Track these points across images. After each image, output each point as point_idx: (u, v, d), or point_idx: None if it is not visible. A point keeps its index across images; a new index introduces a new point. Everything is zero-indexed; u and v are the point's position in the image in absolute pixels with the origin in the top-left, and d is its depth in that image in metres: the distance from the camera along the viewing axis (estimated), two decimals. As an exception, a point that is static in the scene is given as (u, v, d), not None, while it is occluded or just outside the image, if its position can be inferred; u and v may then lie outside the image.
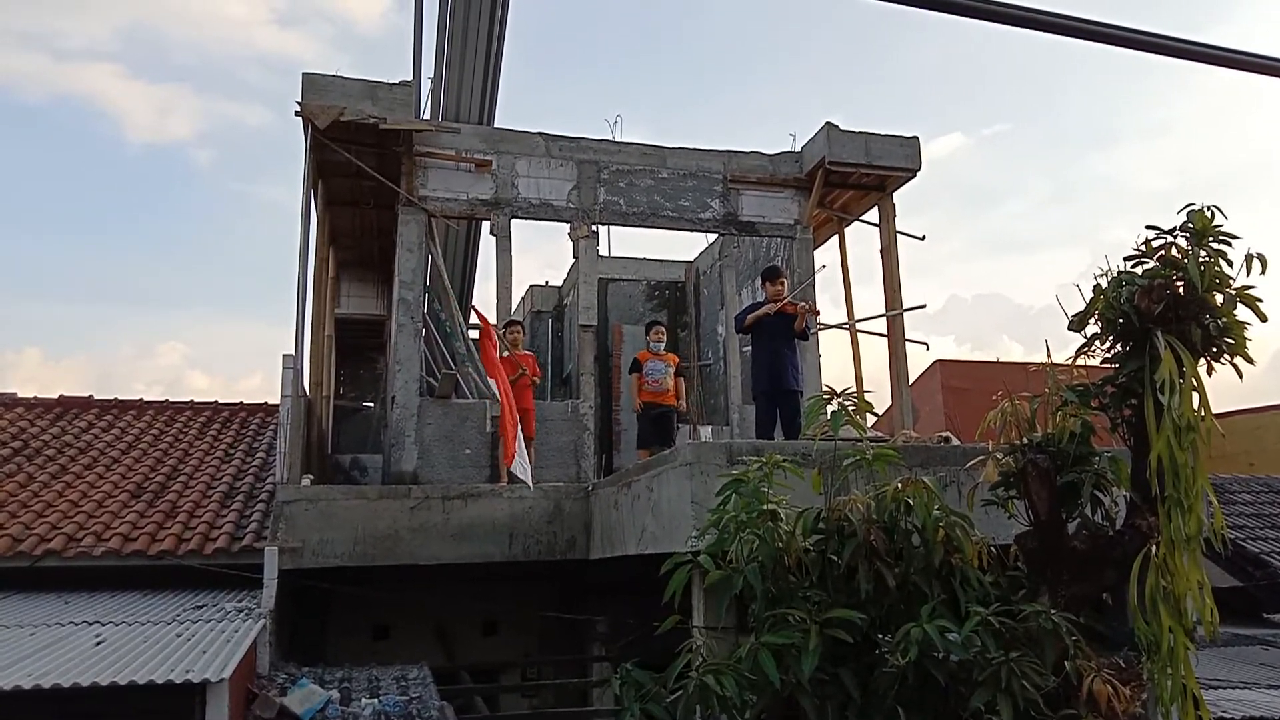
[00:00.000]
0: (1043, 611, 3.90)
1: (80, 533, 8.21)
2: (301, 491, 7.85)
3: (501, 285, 10.26)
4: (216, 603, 7.51)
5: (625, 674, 4.28)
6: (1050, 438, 4.42)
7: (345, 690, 6.62)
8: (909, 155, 11.01)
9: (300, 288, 8.86)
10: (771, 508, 4.28)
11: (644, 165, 10.83)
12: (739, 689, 3.82)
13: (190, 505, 9.04)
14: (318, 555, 7.61)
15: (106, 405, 12.25)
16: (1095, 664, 3.80)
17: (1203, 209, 4.18)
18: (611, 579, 8.41)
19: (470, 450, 9.59)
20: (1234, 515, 10.33)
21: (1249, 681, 6.32)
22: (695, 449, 5.29)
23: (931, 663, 3.78)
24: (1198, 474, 3.93)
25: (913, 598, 4.09)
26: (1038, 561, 4.34)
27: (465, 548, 7.93)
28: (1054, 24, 3.08)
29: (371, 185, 10.20)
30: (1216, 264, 4.12)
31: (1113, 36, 3.15)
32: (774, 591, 4.14)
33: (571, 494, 8.33)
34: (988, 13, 3.02)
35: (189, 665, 5.27)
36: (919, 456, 5.40)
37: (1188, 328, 4.09)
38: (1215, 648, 7.25)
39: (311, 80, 9.39)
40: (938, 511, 4.21)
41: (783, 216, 11.20)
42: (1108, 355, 4.39)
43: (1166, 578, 3.86)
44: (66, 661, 5.30)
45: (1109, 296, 4.25)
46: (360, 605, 9.20)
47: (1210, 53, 3.28)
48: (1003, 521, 4.56)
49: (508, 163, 10.36)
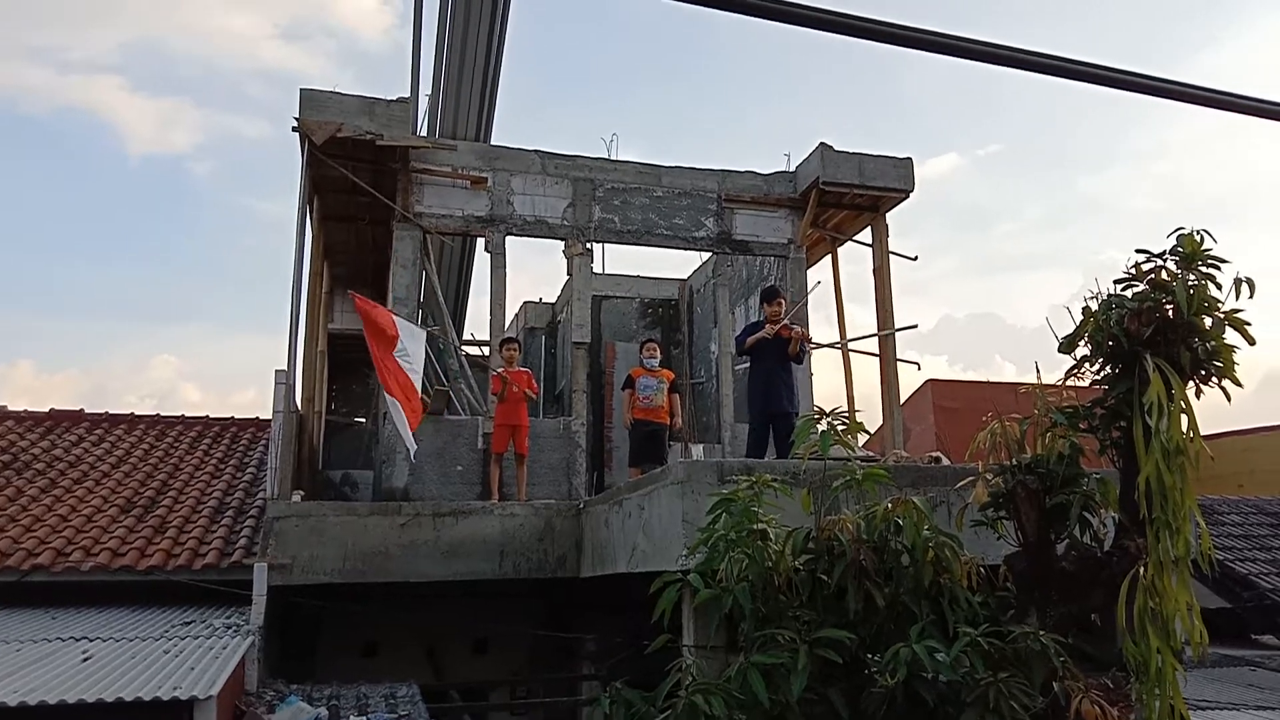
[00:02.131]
0: (1031, 633, 3.92)
1: (69, 547, 8.16)
2: (292, 507, 7.83)
3: (496, 302, 10.28)
4: (205, 619, 7.47)
5: (615, 693, 4.28)
6: (1039, 459, 4.44)
7: (333, 708, 6.57)
8: (903, 176, 11.09)
9: (294, 302, 8.87)
10: (762, 527, 4.30)
11: (639, 184, 10.89)
12: (728, 709, 3.82)
13: (180, 520, 9.00)
14: (307, 572, 7.58)
15: (97, 419, 12.21)
16: (1084, 685, 3.82)
17: (1192, 233, 4.22)
18: (602, 597, 8.39)
19: (461, 467, 9.58)
20: (1223, 537, 10.35)
21: (1237, 703, 6.32)
22: (687, 467, 5.30)
23: (920, 683, 3.79)
24: (1185, 496, 3.96)
25: (902, 618, 4.10)
26: (1026, 582, 4.36)
27: (456, 565, 7.90)
28: (1045, 65, 3.13)
29: (367, 201, 10.22)
30: (1205, 287, 4.17)
31: (1100, 77, 3.20)
32: (763, 611, 4.15)
33: (563, 511, 8.31)
34: (979, 53, 3.07)
35: (177, 682, 5.24)
36: (909, 476, 5.41)
37: (1176, 351, 4.12)
38: (1203, 669, 7.25)
39: (309, 96, 9.43)
40: (927, 532, 4.23)
41: (776, 236, 11.26)
42: (1097, 377, 4.43)
43: (1155, 599, 3.88)
44: (54, 678, 5.26)
45: (1098, 319, 4.29)
46: (350, 622, 9.15)
47: (1197, 94, 3.33)
48: (992, 542, 4.57)
49: (503, 180, 10.40)
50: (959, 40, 3.07)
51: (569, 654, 9.72)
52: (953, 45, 3.06)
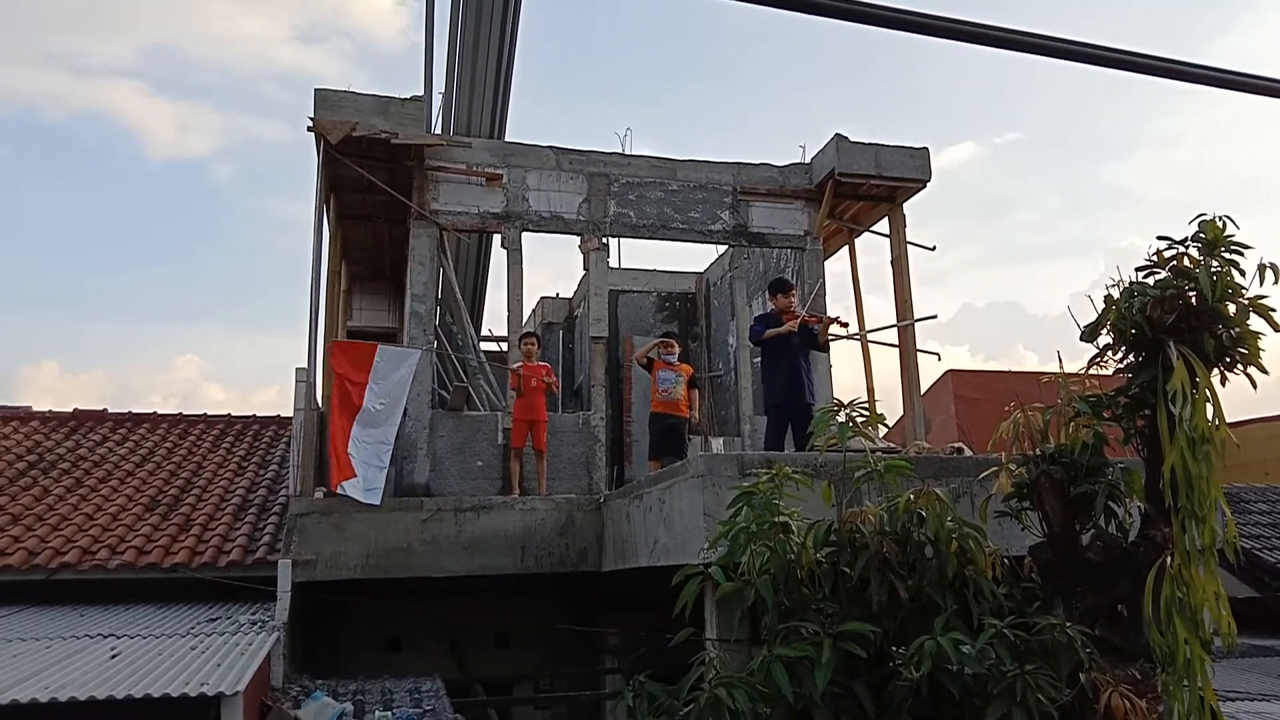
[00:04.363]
0: (1058, 624, 3.89)
1: (95, 546, 8.26)
2: (314, 504, 7.88)
3: (513, 297, 10.29)
4: (230, 615, 7.54)
5: (638, 686, 4.29)
6: (1063, 449, 4.41)
7: (359, 703, 6.62)
8: (919, 166, 11.01)
9: (313, 301, 8.91)
10: (783, 519, 4.29)
11: (654, 178, 10.86)
12: (751, 702, 3.81)
13: (204, 518, 9.08)
14: (331, 568, 7.64)
15: (121, 419, 12.34)
16: (1111, 677, 3.78)
17: (1214, 219, 4.17)
18: (624, 591, 8.40)
19: (482, 462, 9.61)
20: (1250, 525, 10.24)
21: (1268, 693, 6.26)
22: (707, 460, 5.29)
23: (945, 676, 3.77)
24: (1211, 484, 3.91)
25: (926, 610, 4.08)
26: (1052, 573, 4.33)
27: (477, 560, 7.94)
28: (1063, 50, 3.10)
29: (383, 199, 10.25)
30: (1228, 274, 4.11)
31: (1119, 62, 3.16)
32: (786, 604, 4.14)
33: (583, 506, 8.33)
34: (993, 39, 3.04)
35: (204, 678, 5.29)
36: (931, 468, 5.38)
37: (1200, 338, 4.08)
38: (1232, 659, 7.19)
39: (324, 96, 9.46)
40: (951, 523, 4.21)
41: (793, 228, 11.21)
42: (1120, 366, 4.39)
43: (1182, 589, 3.84)
44: (82, 674, 5.34)
45: (1121, 307, 4.25)
46: (373, 617, 9.22)
47: (1215, 75, 3.28)
48: (1016, 533, 4.55)
49: (518, 176, 10.40)
50: (974, 26, 3.04)
51: (592, 648, 9.75)
52: (967, 31, 3.03)
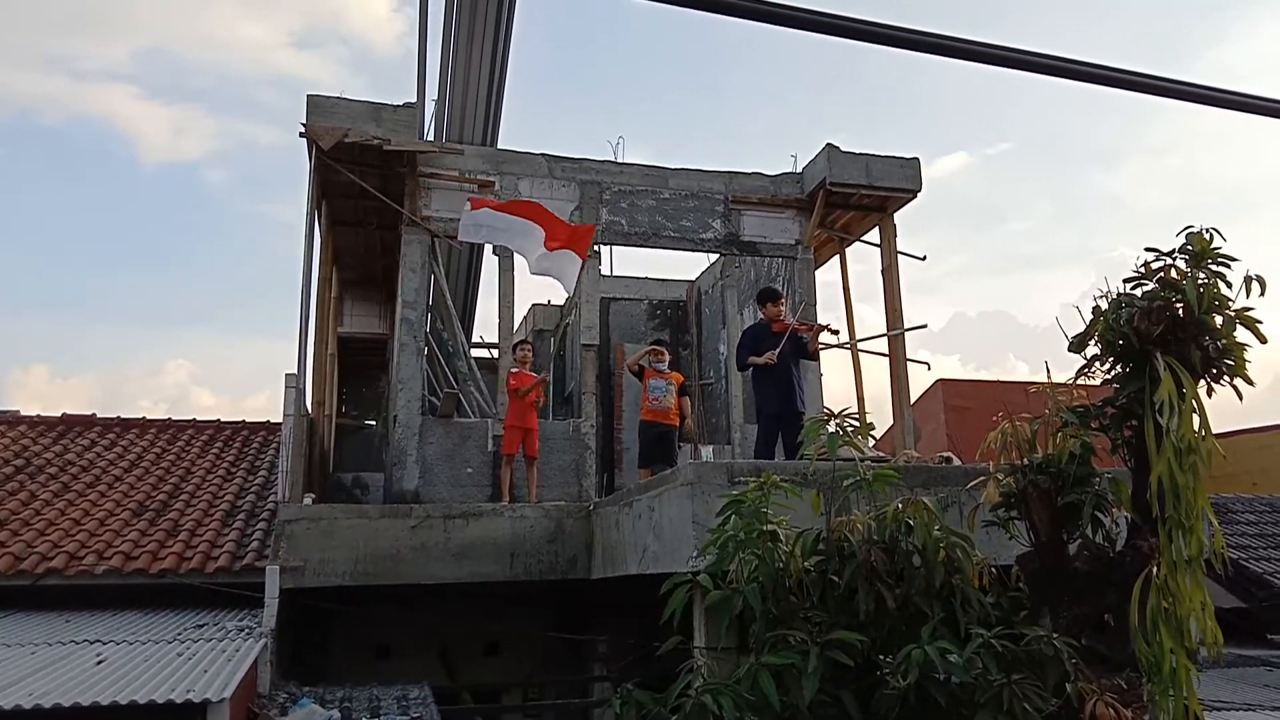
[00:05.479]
0: (1044, 635, 3.90)
1: (82, 551, 8.21)
2: (303, 510, 7.85)
3: (504, 304, 10.30)
4: (218, 621, 7.50)
5: (626, 694, 4.27)
6: (1051, 459, 4.42)
7: (346, 710, 6.59)
8: (910, 176, 11.07)
9: (304, 306, 8.91)
10: (772, 528, 4.29)
11: (646, 186, 10.89)
12: (738, 710, 3.81)
13: (192, 524, 9.04)
14: (319, 574, 7.60)
15: (109, 424, 12.28)
16: (1097, 686, 3.79)
17: (1201, 231, 4.20)
18: (613, 599, 8.39)
19: (471, 469, 9.60)
20: (1237, 535, 10.28)
21: (1253, 703, 6.28)
22: (696, 468, 5.30)
23: (933, 684, 3.77)
24: (1198, 495, 3.93)
25: (914, 619, 4.08)
26: (1039, 582, 4.34)
27: (466, 567, 7.91)
28: (1051, 67, 3.13)
29: (375, 205, 10.26)
30: (1215, 286, 4.14)
31: (1106, 79, 3.20)
32: (774, 612, 4.13)
33: (573, 513, 8.32)
34: (980, 55, 3.06)
35: (190, 685, 5.26)
36: (920, 477, 5.40)
37: (1187, 349, 4.10)
38: (1218, 669, 7.20)
39: (316, 102, 9.47)
40: (938, 532, 4.21)
41: (784, 237, 11.25)
42: (1108, 376, 4.41)
43: (1168, 599, 3.85)
44: (67, 680, 5.30)
45: (1108, 318, 4.27)
46: (362, 625, 9.17)
47: (1204, 94, 3.32)
48: (1004, 542, 4.55)
49: (511, 183, 10.42)
50: (962, 43, 3.07)
51: (581, 656, 9.73)
52: (954, 48, 3.06)
